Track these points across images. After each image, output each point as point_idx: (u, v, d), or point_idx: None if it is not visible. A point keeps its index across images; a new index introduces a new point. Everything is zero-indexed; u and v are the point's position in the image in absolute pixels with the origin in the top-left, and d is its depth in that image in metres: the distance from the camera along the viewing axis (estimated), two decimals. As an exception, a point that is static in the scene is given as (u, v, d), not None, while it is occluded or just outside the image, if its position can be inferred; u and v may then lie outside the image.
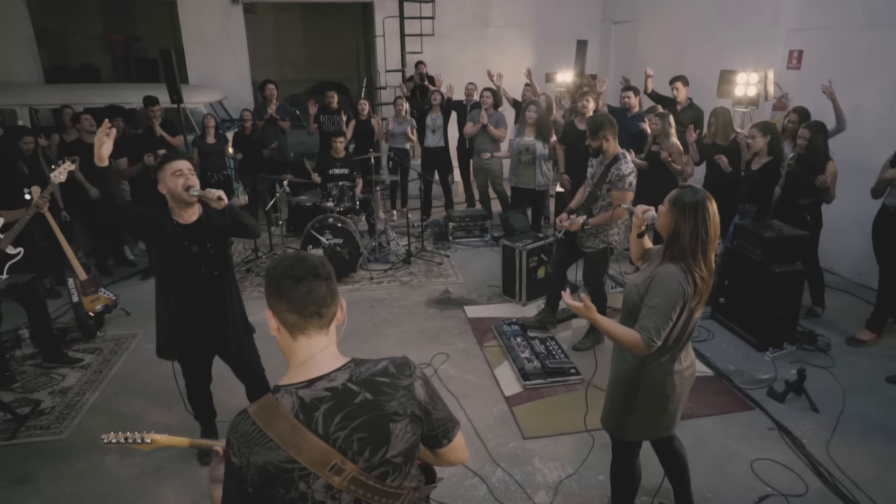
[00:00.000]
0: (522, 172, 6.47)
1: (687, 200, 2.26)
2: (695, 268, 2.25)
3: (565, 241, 4.33)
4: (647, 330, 2.24)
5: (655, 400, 2.44)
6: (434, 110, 7.53)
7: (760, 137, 4.62)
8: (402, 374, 1.50)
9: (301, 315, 1.45)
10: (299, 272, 1.46)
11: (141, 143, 5.89)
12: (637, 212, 2.59)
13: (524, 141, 6.36)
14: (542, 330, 4.67)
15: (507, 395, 3.94)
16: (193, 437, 3.53)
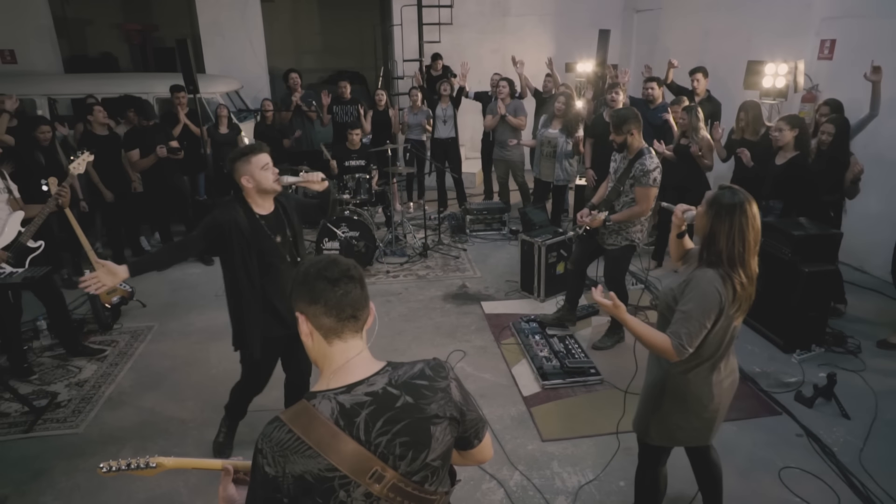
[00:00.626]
0: (544, 165, 6.36)
1: (724, 202, 2.15)
2: (733, 273, 2.14)
3: (586, 237, 4.22)
4: (677, 335, 2.15)
5: (691, 407, 2.34)
6: (443, 101, 7.42)
7: (788, 131, 4.47)
8: (439, 376, 1.48)
9: (338, 318, 1.42)
10: (335, 274, 1.42)
11: (152, 135, 5.85)
12: (677, 211, 2.48)
13: (548, 133, 6.25)
14: (561, 328, 4.58)
15: (526, 395, 3.86)
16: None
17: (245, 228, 2.88)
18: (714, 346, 2.23)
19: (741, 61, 6.30)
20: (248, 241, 2.89)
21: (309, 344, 1.47)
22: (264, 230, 2.93)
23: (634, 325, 2.26)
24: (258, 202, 2.95)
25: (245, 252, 2.90)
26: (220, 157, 6.93)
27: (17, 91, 6.54)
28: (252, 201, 2.94)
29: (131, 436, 3.53)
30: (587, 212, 4.17)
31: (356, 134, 6.56)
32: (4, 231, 3.95)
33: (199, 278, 5.96)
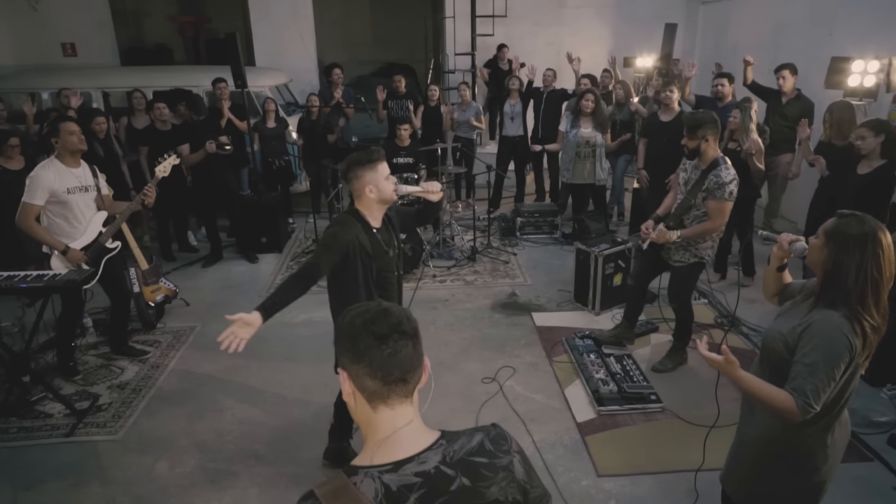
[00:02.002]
0: (579, 167, 6.05)
1: (851, 233, 1.82)
2: (863, 315, 1.82)
3: (650, 251, 3.89)
4: (802, 393, 1.82)
5: (803, 466, 2.02)
6: (512, 96, 7.12)
7: (872, 137, 3.99)
8: (500, 450, 1.27)
9: (384, 381, 1.19)
10: (383, 328, 1.20)
11: (203, 130, 5.77)
12: (782, 241, 2.15)
13: (583, 133, 5.92)
14: (618, 346, 4.27)
15: (580, 420, 3.58)
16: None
17: (367, 245, 2.68)
18: (836, 399, 1.92)
19: (822, 58, 5.77)
20: (370, 258, 2.71)
21: (351, 405, 1.25)
22: (381, 245, 2.74)
23: (749, 383, 1.93)
24: (375, 215, 2.73)
25: (367, 270, 2.72)
26: (268, 151, 6.85)
27: (72, 85, 6.61)
28: (369, 214, 2.71)
29: (167, 446, 3.43)
30: (651, 224, 3.84)
31: (405, 129, 6.36)
32: (88, 230, 3.95)
33: (243, 276, 5.89)
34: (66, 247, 3.82)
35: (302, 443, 3.41)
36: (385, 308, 1.24)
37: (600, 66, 8.16)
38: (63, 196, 3.77)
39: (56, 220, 3.83)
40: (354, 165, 2.64)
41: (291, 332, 4.72)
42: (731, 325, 4.60)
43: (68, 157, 3.83)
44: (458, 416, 3.64)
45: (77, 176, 3.87)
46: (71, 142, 3.79)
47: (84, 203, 3.92)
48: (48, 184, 3.70)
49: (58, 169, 3.78)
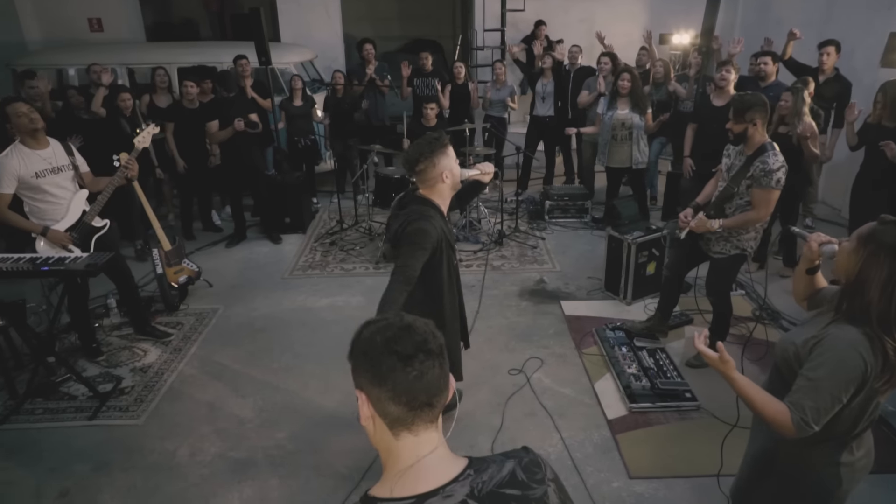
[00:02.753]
0: (616, 150, 5.79)
1: (887, 241, 1.63)
2: (885, 336, 1.62)
3: (687, 240, 3.69)
4: (800, 408, 1.67)
5: (809, 493, 1.87)
6: (545, 75, 6.87)
7: None
8: (533, 479, 1.15)
9: (408, 407, 1.07)
10: (407, 348, 1.07)
11: (231, 107, 5.66)
12: (811, 241, 1.97)
13: (619, 115, 5.66)
14: (651, 339, 4.10)
15: (610, 417, 3.44)
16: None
17: (448, 235, 2.62)
18: (848, 423, 1.73)
19: (879, 34, 5.42)
20: (451, 248, 2.65)
21: (370, 430, 1.13)
22: (452, 233, 2.69)
23: (743, 386, 1.79)
24: (446, 202, 2.64)
25: (450, 260, 2.66)
26: (294, 130, 6.74)
27: (98, 60, 6.55)
28: (442, 202, 2.61)
29: (188, 433, 3.39)
30: (690, 213, 3.64)
31: (432, 109, 6.19)
32: (70, 210, 3.85)
33: (267, 257, 5.83)
34: (45, 227, 3.68)
35: (324, 433, 3.34)
36: (408, 323, 1.11)
37: (635, 43, 7.85)
38: (32, 181, 3.60)
39: (36, 204, 3.69)
40: (428, 153, 2.48)
41: (314, 316, 4.65)
42: (769, 319, 4.39)
43: (30, 139, 3.63)
44: (484, 409, 3.53)
45: (45, 157, 3.67)
46: (21, 123, 3.57)
47: (59, 183, 3.74)
48: (13, 170, 3.53)
49: (22, 153, 3.58)
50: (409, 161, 2.55)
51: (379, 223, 6.26)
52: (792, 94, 4.49)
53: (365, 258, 5.69)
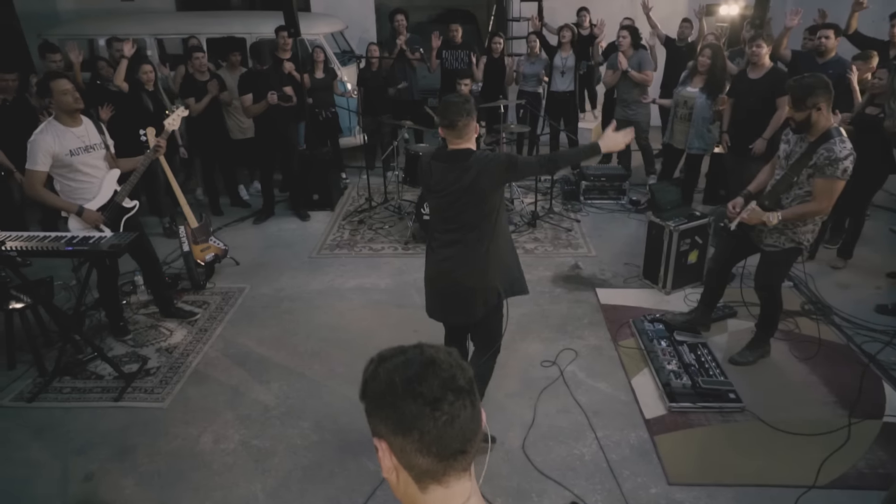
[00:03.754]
0: (676, 129, 5.50)
1: None
2: None
3: (736, 231, 3.44)
4: None
5: None
6: (564, 49, 6.56)
7: None
8: None
9: (439, 457, 0.92)
10: (434, 389, 0.91)
11: (264, 79, 5.48)
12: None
13: (685, 91, 5.35)
14: (693, 333, 3.89)
15: (648, 417, 3.27)
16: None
17: None
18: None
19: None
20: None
21: (392, 482, 0.98)
22: None
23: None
24: None
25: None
26: (315, 103, 6.57)
27: (126, 31, 6.45)
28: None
29: (212, 419, 3.33)
30: (741, 202, 3.39)
31: (465, 84, 5.93)
32: (101, 190, 3.78)
33: (293, 235, 5.74)
34: (80, 207, 3.61)
35: (349, 425, 3.24)
36: (430, 357, 0.94)
37: (678, 14, 7.45)
38: (66, 159, 3.53)
39: (68, 182, 3.62)
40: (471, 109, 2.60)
41: (341, 298, 4.55)
42: (819, 314, 4.14)
43: (66, 117, 3.55)
44: (515, 403, 3.39)
45: (79, 136, 3.60)
46: (65, 101, 3.50)
47: (91, 163, 3.67)
48: (48, 148, 3.45)
49: (57, 131, 3.50)
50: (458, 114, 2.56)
51: (408, 202, 6.10)
52: (889, 72, 4.12)
53: (394, 238, 5.56)
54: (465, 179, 2.60)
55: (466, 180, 2.59)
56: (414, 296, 4.51)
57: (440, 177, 2.65)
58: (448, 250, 2.74)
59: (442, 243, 2.76)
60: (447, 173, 2.63)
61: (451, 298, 2.84)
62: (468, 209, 2.64)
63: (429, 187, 2.73)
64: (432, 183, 2.69)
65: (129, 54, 5.45)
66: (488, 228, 2.67)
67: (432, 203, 2.79)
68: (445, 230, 2.74)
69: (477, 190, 2.60)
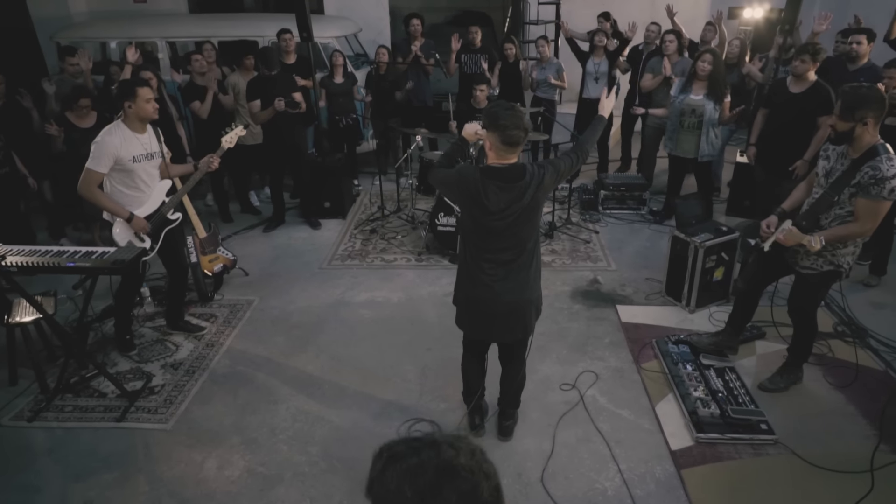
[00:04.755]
0: (683, 138, 5.27)
1: None
2: None
3: (770, 251, 3.25)
4: None
5: None
6: (597, 54, 6.37)
7: None
8: None
9: None
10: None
11: (273, 85, 5.34)
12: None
13: (690, 99, 5.12)
14: (720, 357, 3.70)
15: (674, 448, 3.09)
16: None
17: None
18: None
19: None
20: None
21: None
22: None
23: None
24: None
25: None
26: (335, 109, 6.44)
27: (137, 34, 6.37)
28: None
29: (217, 442, 3.19)
30: (775, 221, 3.21)
31: (482, 90, 5.77)
32: (151, 199, 3.73)
33: (304, 244, 5.60)
34: (131, 214, 3.58)
35: (360, 450, 3.08)
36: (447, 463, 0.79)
37: (701, 17, 7.25)
38: (128, 164, 3.50)
39: (119, 187, 3.57)
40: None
41: (352, 312, 4.40)
42: (854, 336, 3.93)
43: (137, 122, 3.54)
44: (533, 431, 3.22)
45: (143, 143, 3.58)
46: (146, 110, 3.50)
47: (148, 171, 3.66)
48: (114, 150, 3.42)
49: (124, 135, 3.49)
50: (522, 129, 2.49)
51: (422, 210, 5.95)
52: None
53: (407, 248, 5.40)
54: (526, 197, 2.51)
55: (528, 198, 2.51)
56: (428, 311, 4.35)
57: (497, 197, 2.50)
58: (500, 270, 2.66)
59: (494, 264, 2.66)
60: (504, 193, 2.51)
61: (506, 318, 2.78)
62: (525, 227, 2.59)
63: (483, 209, 2.52)
64: (490, 205, 2.51)
65: (132, 60, 5.34)
66: (537, 243, 2.70)
67: (484, 224, 2.57)
68: (499, 249, 2.63)
69: (536, 206, 2.58)
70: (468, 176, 2.54)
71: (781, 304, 3.58)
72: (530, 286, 2.73)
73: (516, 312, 2.76)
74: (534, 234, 2.66)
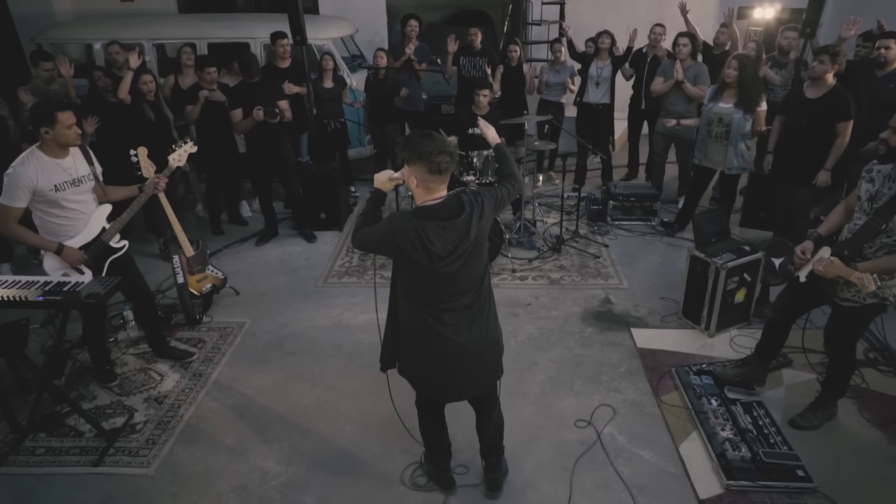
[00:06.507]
0: (711, 149, 4.99)
1: None
2: None
3: (806, 281, 2.99)
4: None
5: None
6: (601, 57, 6.10)
7: None
8: None
9: None
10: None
11: (260, 93, 5.03)
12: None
13: (718, 108, 4.84)
14: (746, 390, 3.44)
15: (703, 497, 2.83)
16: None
17: None
18: None
19: None
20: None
21: None
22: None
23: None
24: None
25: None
26: (323, 113, 6.13)
27: (123, 35, 6.05)
28: None
29: (204, 490, 2.92)
30: (810, 247, 2.95)
31: (484, 96, 5.48)
32: (88, 226, 3.39)
33: (298, 259, 5.32)
34: (60, 245, 3.24)
35: (360, 501, 2.83)
36: None
37: (709, 17, 6.99)
38: (50, 195, 3.14)
39: (50, 219, 3.23)
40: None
41: (349, 337, 4.13)
42: (888, 365, 3.68)
43: (57, 148, 3.18)
44: (547, 475, 2.96)
45: (65, 168, 3.21)
46: (68, 136, 3.14)
47: (78, 198, 3.29)
48: (29, 182, 3.06)
49: (42, 163, 3.12)
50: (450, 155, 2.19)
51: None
52: None
53: (406, 264, 5.12)
54: (472, 233, 2.22)
55: (473, 233, 2.22)
56: None
57: (441, 239, 2.16)
58: (463, 318, 2.35)
59: (455, 312, 2.33)
60: (447, 232, 2.17)
61: (477, 369, 2.48)
62: (475, 264, 2.32)
63: (431, 256, 2.16)
64: (436, 249, 2.15)
65: (134, 66, 5.03)
66: (487, 274, 2.44)
67: (434, 273, 2.21)
68: (455, 295, 2.30)
69: (482, 240, 2.32)
70: (404, 224, 2.16)
71: (812, 328, 3.32)
72: (493, 324, 2.49)
73: (486, 359, 2.48)
74: (484, 268, 2.39)
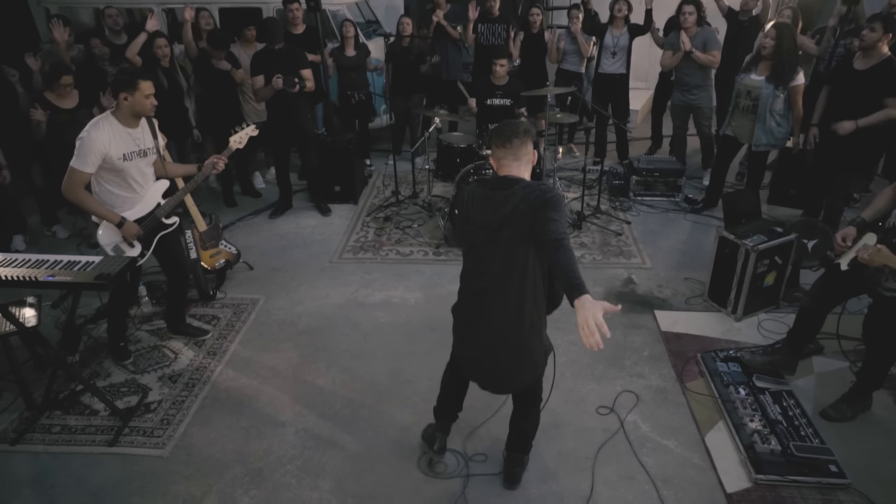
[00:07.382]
0: (738, 122, 4.75)
1: None
2: None
3: (847, 269, 2.84)
4: None
5: None
6: (616, 25, 5.83)
7: None
8: None
9: None
10: None
11: (279, 60, 4.86)
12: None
13: (749, 80, 4.57)
14: (776, 378, 3.32)
15: (730, 490, 2.74)
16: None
17: None
18: None
19: None
20: None
21: None
22: None
23: None
24: None
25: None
26: (347, 84, 5.97)
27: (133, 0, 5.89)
28: None
29: (219, 474, 2.88)
30: (853, 233, 2.79)
31: (502, 65, 5.27)
32: (145, 200, 3.35)
33: (313, 233, 5.22)
34: (123, 218, 3.22)
35: (376, 486, 2.77)
36: None
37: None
38: (118, 163, 3.11)
39: (108, 187, 3.19)
40: (528, 128, 2.29)
41: (366, 315, 4.05)
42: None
43: (130, 117, 3.13)
44: (568, 465, 2.88)
45: (135, 138, 3.18)
46: (144, 105, 3.10)
47: (141, 169, 3.27)
48: (101, 148, 3.02)
49: (114, 130, 3.08)
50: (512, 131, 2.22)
51: (439, 197, 5.53)
52: None
53: (423, 240, 5.01)
54: (507, 206, 2.18)
55: (508, 207, 2.18)
56: (448, 316, 3.86)
57: (481, 205, 2.27)
58: (476, 304, 2.43)
59: (471, 294, 2.43)
60: (488, 201, 2.24)
61: (489, 364, 2.48)
62: (506, 248, 2.27)
63: (467, 219, 2.30)
64: (473, 213, 2.28)
65: (151, 29, 4.90)
66: (525, 280, 2.31)
67: (466, 238, 2.36)
68: (476, 275, 2.40)
69: (518, 225, 2.19)
70: (468, 191, 2.33)
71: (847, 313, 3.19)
72: (514, 328, 2.26)
73: (500, 361, 2.35)
74: (519, 266, 2.18)
